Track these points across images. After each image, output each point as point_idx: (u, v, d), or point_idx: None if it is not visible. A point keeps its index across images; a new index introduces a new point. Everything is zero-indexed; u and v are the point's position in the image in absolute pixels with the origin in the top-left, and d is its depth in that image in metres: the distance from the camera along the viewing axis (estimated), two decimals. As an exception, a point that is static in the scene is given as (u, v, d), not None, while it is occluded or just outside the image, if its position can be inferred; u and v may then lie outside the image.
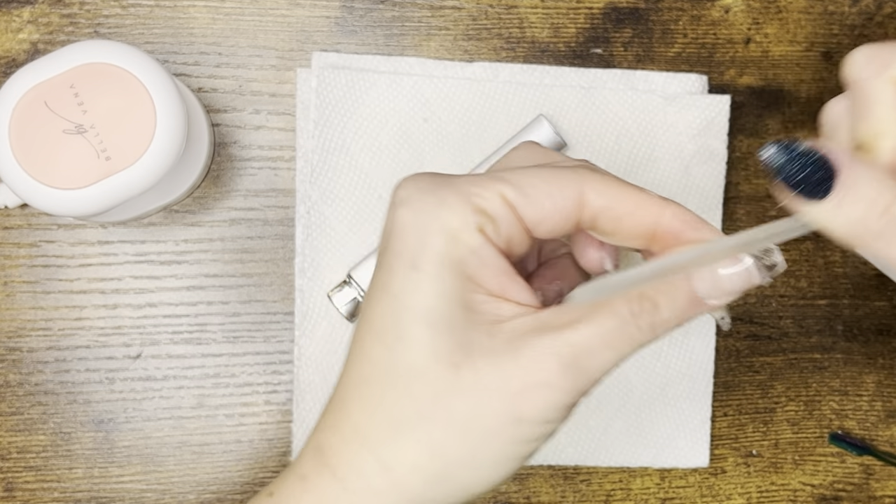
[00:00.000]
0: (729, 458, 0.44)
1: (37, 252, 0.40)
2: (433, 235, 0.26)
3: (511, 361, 0.25)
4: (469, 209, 0.26)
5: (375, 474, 0.26)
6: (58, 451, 0.41)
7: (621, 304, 0.26)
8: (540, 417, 0.25)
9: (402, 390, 0.26)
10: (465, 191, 0.26)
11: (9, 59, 0.40)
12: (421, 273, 0.25)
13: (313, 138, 0.41)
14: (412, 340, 0.25)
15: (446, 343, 0.25)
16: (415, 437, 0.26)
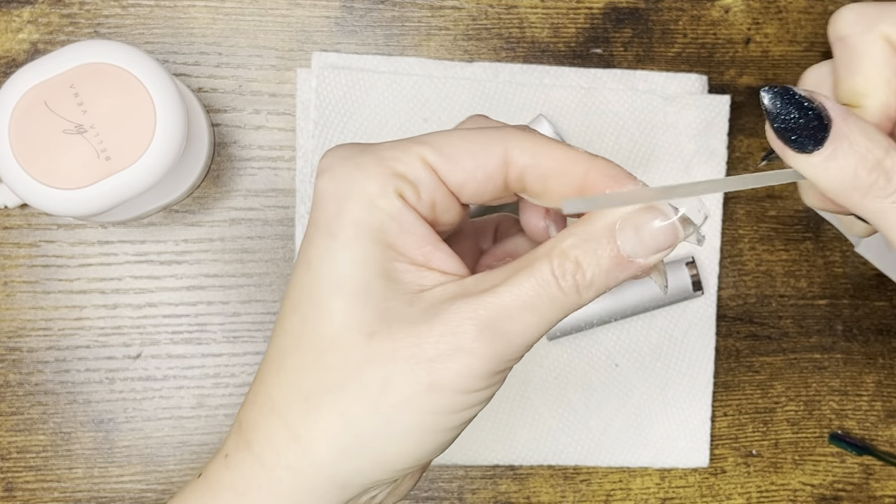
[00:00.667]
0: (729, 457, 0.44)
1: (37, 252, 0.40)
2: (350, 202, 0.25)
3: (426, 328, 0.24)
4: (387, 173, 0.25)
5: (289, 448, 0.25)
6: (58, 450, 0.41)
7: (542, 265, 0.25)
8: (457, 386, 0.24)
9: (315, 361, 0.25)
10: (383, 155, 0.25)
11: (9, 59, 0.40)
12: (337, 241, 0.25)
13: (313, 138, 0.41)
14: (327, 310, 0.25)
15: (362, 312, 0.24)
16: (327, 408, 0.25)
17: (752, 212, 0.44)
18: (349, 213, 0.25)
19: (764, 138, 0.44)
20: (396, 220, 0.25)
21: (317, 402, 0.25)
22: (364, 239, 0.25)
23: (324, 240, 0.25)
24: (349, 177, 0.25)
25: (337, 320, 0.25)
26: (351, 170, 0.25)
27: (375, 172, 0.25)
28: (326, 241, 0.25)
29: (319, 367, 0.25)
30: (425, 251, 0.25)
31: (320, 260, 0.25)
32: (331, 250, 0.25)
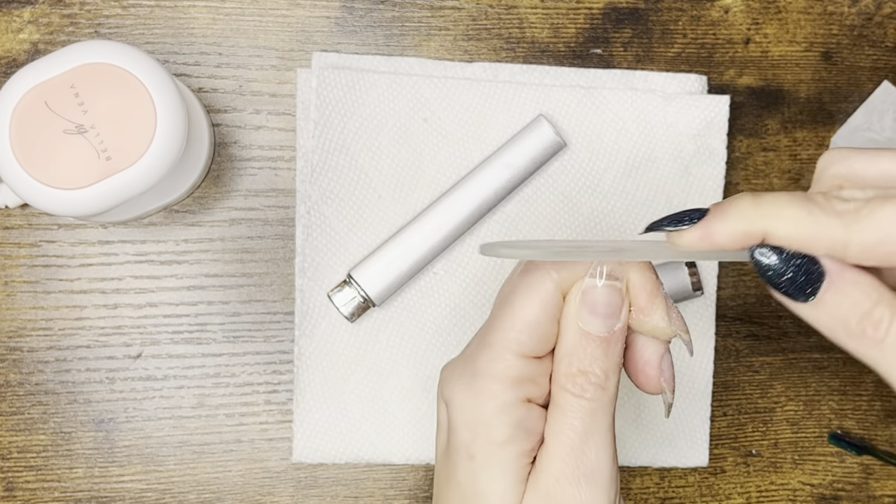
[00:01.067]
0: (728, 457, 0.44)
1: (37, 252, 0.41)
2: (479, 427, 0.28)
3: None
4: (501, 389, 0.28)
5: None
6: (58, 450, 0.41)
7: (562, 398, 0.28)
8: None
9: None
10: (490, 373, 0.28)
11: (9, 59, 0.40)
12: (476, 462, 0.28)
13: (313, 138, 0.41)
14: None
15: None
16: None
17: (752, 212, 0.44)
18: (481, 436, 0.28)
19: (763, 138, 0.44)
20: (522, 427, 0.28)
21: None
22: (498, 454, 0.28)
23: (466, 462, 0.28)
24: (470, 405, 0.28)
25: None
26: (472, 398, 0.28)
27: (492, 395, 0.28)
28: (469, 463, 0.28)
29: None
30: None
31: (467, 480, 0.28)
32: (473, 471, 0.28)
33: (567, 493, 0.27)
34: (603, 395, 0.27)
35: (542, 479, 0.28)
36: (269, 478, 0.41)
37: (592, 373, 0.27)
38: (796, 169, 0.44)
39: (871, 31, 0.44)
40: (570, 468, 0.27)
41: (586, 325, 0.27)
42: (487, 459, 0.28)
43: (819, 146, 0.44)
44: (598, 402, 0.27)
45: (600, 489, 0.28)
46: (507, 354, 0.28)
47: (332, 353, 0.41)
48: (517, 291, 0.28)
